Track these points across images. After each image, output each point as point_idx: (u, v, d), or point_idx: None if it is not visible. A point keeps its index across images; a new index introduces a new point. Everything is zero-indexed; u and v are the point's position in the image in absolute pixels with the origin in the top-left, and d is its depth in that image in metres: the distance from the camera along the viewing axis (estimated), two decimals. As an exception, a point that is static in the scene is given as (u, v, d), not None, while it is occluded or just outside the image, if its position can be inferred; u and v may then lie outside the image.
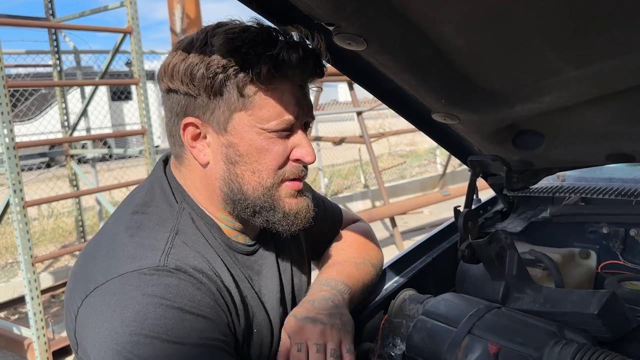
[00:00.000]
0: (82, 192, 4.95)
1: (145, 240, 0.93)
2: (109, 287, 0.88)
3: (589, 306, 1.09)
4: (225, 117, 0.95)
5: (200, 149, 0.99)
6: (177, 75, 0.94)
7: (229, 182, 0.99)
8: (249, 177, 0.98)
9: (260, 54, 0.91)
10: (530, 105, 1.08)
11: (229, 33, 0.92)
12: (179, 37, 4.81)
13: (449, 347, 1.07)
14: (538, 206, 1.72)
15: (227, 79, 0.92)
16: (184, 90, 0.95)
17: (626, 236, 1.47)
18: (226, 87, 0.92)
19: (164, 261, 0.90)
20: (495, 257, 1.24)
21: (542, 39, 0.87)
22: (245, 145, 0.96)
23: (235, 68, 0.91)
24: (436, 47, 0.93)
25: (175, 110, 0.98)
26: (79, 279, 0.94)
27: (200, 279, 0.92)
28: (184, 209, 1.01)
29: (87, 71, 6.89)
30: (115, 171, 7.42)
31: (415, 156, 11.71)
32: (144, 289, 0.87)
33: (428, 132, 1.44)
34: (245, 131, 0.95)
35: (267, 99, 0.94)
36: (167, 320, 0.85)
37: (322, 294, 1.11)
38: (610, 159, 1.30)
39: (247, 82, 0.92)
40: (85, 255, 0.98)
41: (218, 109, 0.95)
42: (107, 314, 0.86)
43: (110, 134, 7.48)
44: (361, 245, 1.30)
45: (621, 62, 0.89)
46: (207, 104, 0.94)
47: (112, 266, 0.90)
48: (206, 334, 0.88)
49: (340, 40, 0.91)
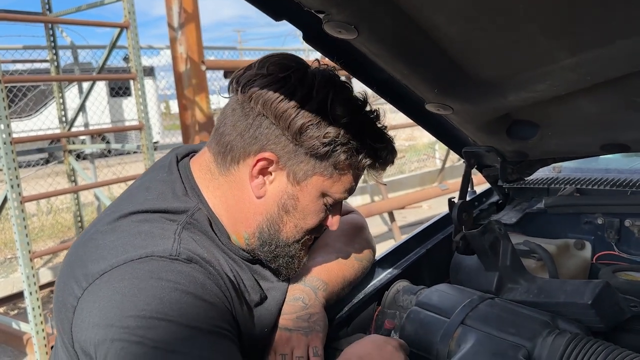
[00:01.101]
0: (80, 187, 4.95)
1: (154, 230, 0.93)
2: (117, 272, 0.86)
3: (583, 296, 1.09)
4: (305, 174, 0.99)
5: (260, 183, 1.00)
6: (285, 116, 0.94)
7: (272, 224, 1.02)
8: (290, 228, 1.03)
9: (371, 147, 1.00)
10: (523, 94, 1.07)
11: (355, 109, 0.99)
12: (176, 32, 4.81)
13: (442, 338, 1.07)
14: (533, 197, 1.71)
15: (335, 152, 0.96)
16: (282, 131, 0.95)
17: (621, 227, 1.47)
18: (327, 157, 0.97)
19: (176, 249, 0.90)
20: (489, 247, 1.23)
21: (534, 25, 0.86)
22: (304, 203, 1.01)
23: (346, 149, 0.97)
24: (428, 35, 0.92)
25: (255, 132, 0.97)
26: (77, 266, 0.91)
27: (209, 269, 0.93)
28: (199, 209, 1.00)
29: (85, 67, 6.87)
30: (114, 167, 7.41)
31: (414, 151, 11.70)
32: (157, 273, 0.86)
33: (422, 123, 1.43)
34: (312, 192, 1.01)
35: (348, 179, 1.02)
36: (182, 304, 0.85)
37: (293, 294, 1.12)
38: (606, 149, 1.29)
39: (347, 163, 0.98)
40: (81, 246, 0.96)
41: (304, 164, 0.98)
42: (115, 299, 0.84)
43: (107, 129, 7.44)
44: (348, 238, 1.28)
45: (616, 49, 0.87)
46: (297, 154, 0.97)
47: (120, 253, 0.88)
48: (217, 322, 0.89)
49: (331, 29, 0.90)
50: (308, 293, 1.12)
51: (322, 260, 1.20)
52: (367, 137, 0.99)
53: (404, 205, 6.08)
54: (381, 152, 1.02)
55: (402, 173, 9.60)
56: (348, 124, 0.96)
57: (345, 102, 0.97)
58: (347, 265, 1.23)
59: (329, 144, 0.95)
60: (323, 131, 0.94)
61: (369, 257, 1.32)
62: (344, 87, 1.01)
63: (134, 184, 1.08)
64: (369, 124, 1.02)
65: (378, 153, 1.01)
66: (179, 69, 4.65)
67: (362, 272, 1.28)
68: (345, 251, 1.24)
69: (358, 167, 1.01)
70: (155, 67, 12.34)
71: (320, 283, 1.15)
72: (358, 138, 0.97)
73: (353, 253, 1.26)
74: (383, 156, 1.03)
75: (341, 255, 1.23)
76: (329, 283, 1.16)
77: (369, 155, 1.00)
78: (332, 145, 0.95)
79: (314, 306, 1.10)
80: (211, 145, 1.03)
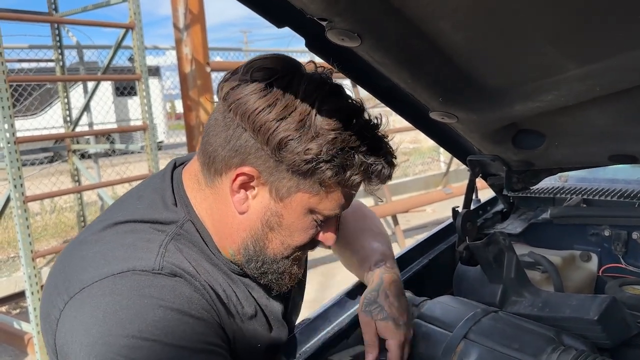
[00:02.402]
0: (84, 187, 4.95)
1: (138, 242, 0.89)
2: (99, 287, 0.83)
3: (589, 311, 1.07)
4: (289, 191, 0.91)
5: (242, 198, 0.93)
6: (264, 129, 0.86)
7: (256, 240, 0.96)
8: (276, 245, 0.97)
9: (360, 162, 0.89)
10: (530, 104, 1.05)
11: (340, 122, 0.87)
12: (181, 33, 4.81)
13: (444, 352, 1.05)
14: (539, 207, 1.69)
15: (319, 169, 0.87)
16: (261, 145, 0.87)
17: (628, 239, 1.44)
18: (310, 174, 0.88)
19: (159, 263, 0.86)
20: (493, 259, 1.21)
21: (542, 35, 0.84)
22: (289, 220, 0.94)
23: (331, 167, 0.87)
24: (432, 43, 0.90)
25: (235, 146, 0.90)
26: (61, 279, 0.88)
27: (194, 282, 0.89)
28: (188, 220, 0.96)
29: (91, 67, 6.88)
30: (118, 167, 7.42)
31: (418, 154, 11.66)
32: (140, 290, 0.82)
33: (426, 131, 1.41)
34: (297, 210, 0.93)
35: (337, 197, 0.93)
36: (166, 322, 0.81)
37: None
38: (613, 159, 1.27)
39: (333, 180, 0.89)
40: (67, 255, 0.93)
41: (287, 181, 0.90)
42: (97, 315, 0.81)
43: (111, 130, 7.43)
44: (365, 219, 1.31)
45: (625, 60, 0.85)
46: (279, 171, 0.89)
47: (101, 266, 0.85)
48: (206, 338, 0.86)
49: (334, 36, 0.88)
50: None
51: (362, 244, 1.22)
52: (357, 151, 0.88)
53: (408, 208, 6.05)
54: (374, 168, 0.91)
55: (406, 176, 9.57)
56: (334, 139, 0.86)
57: (331, 113, 0.87)
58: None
59: (311, 161, 0.86)
60: (304, 147, 0.85)
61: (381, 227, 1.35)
62: (333, 95, 0.91)
63: (130, 191, 1.05)
64: (360, 136, 0.89)
65: (370, 169, 0.90)
66: (184, 70, 4.65)
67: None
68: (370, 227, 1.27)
69: (347, 185, 0.91)
70: (161, 67, 12.37)
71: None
72: (346, 153, 0.87)
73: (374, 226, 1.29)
74: (376, 172, 0.91)
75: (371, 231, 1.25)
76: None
77: (359, 172, 0.90)
78: (315, 162, 0.86)
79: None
80: (199, 154, 0.97)
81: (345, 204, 0.96)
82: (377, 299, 1.09)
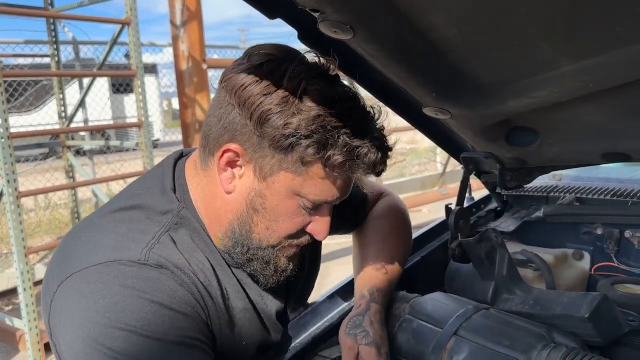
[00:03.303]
0: (77, 183, 4.93)
1: (131, 232, 0.90)
2: (85, 274, 0.85)
3: (580, 309, 1.07)
4: (271, 169, 0.90)
5: (229, 177, 0.94)
6: (248, 103, 0.87)
7: (241, 222, 0.95)
8: (262, 230, 0.95)
9: (343, 142, 0.87)
10: (523, 100, 1.04)
11: (324, 99, 0.87)
12: (178, 30, 4.79)
13: (434, 349, 1.04)
14: (532, 205, 1.68)
15: (299, 145, 0.86)
16: (245, 120, 0.88)
17: (621, 237, 1.44)
18: (291, 151, 0.88)
19: (145, 255, 0.87)
20: (485, 256, 1.21)
21: (536, 29, 0.83)
22: (273, 203, 0.93)
23: (311, 143, 0.86)
24: (426, 37, 0.89)
25: (224, 123, 0.91)
26: (57, 263, 0.91)
27: (181, 276, 0.89)
28: (183, 208, 0.97)
29: (87, 63, 6.85)
30: (113, 164, 7.39)
31: (415, 154, 11.67)
32: (122, 280, 0.83)
33: (420, 127, 1.41)
34: (281, 190, 0.92)
35: (320, 180, 0.91)
36: (145, 314, 0.82)
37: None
38: (607, 157, 1.27)
39: (315, 158, 0.88)
40: (67, 241, 0.95)
41: (269, 158, 0.90)
42: (81, 302, 0.83)
43: (106, 126, 7.40)
44: (388, 239, 1.27)
45: (619, 56, 0.85)
46: (262, 147, 0.89)
47: (91, 254, 0.87)
48: (185, 332, 0.85)
49: (326, 28, 0.88)
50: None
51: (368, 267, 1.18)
52: (340, 131, 0.87)
53: (404, 208, 6.04)
54: (359, 150, 0.87)
55: (403, 176, 9.57)
56: (316, 116, 0.85)
57: (318, 93, 0.87)
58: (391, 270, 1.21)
59: (291, 135, 0.85)
60: (284, 121, 0.85)
61: (407, 247, 1.32)
62: (324, 78, 0.90)
63: (139, 177, 1.07)
64: (345, 117, 0.88)
65: (355, 151, 0.87)
66: (181, 67, 4.63)
67: (404, 265, 1.26)
68: (385, 252, 1.22)
69: (329, 164, 0.88)
70: (157, 65, 12.33)
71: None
72: (328, 132, 0.86)
73: (394, 250, 1.24)
74: (362, 155, 0.88)
75: (385, 257, 1.21)
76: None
77: (342, 152, 0.87)
78: (295, 136, 0.85)
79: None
80: (199, 139, 0.99)
81: (333, 192, 0.93)
82: (363, 324, 1.07)
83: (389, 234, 1.28)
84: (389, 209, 1.35)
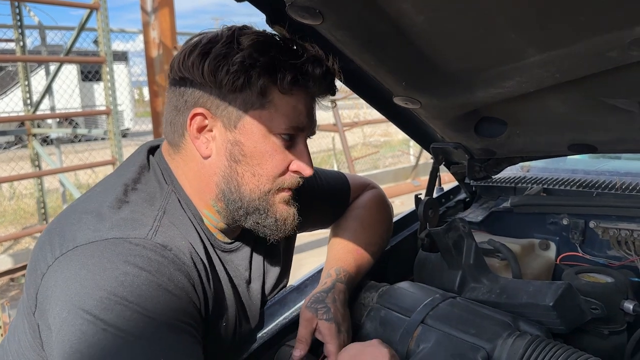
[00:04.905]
0: (44, 172, 4.80)
1: (134, 214, 0.92)
2: (89, 248, 0.85)
3: (545, 298, 1.08)
4: (238, 114, 0.95)
5: (204, 141, 0.98)
6: (197, 66, 0.93)
7: (228, 180, 0.98)
8: (249, 179, 0.98)
9: (287, 62, 0.94)
10: (492, 90, 1.05)
11: (259, 35, 0.95)
12: (149, 16, 4.68)
13: (402, 337, 1.05)
14: (500, 196, 1.70)
15: (251, 77, 0.92)
16: (200, 81, 0.94)
17: (586, 228, 1.46)
18: (248, 85, 0.93)
19: (151, 236, 0.89)
20: (453, 245, 1.21)
21: (505, 19, 0.83)
22: (250, 146, 0.96)
23: (261, 69, 0.92)
24: (395, 24, 0.88)
25: (184, 99, 0.97)
26: (56, 235, 0.90)
27: (183, 260, 0.91)
28: (173, 191, 1.00)
29: (54, 49, 6.65)
30: (81, 154, 7.22)
31: (389, 147, 11.74)
32: (126, 256, 0.85)
33: (391, 117, 1.41)
34: (253, 131, 0.96)
35: (283, 105, 0.96)
36: (143, 292, 0.83)
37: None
38: (573, 149, 1.28)
39: (269, 85, 0.94)
40: (67, 215, 0.95)
41: (233, 104, 0.95)
42: (80, 273, 0.83)
43: (72, 113, 7.18)
44: (365, 228, 1.30)
45: (584, 47, 0.86)
46: (223, 98, 0.95)
47: (97, 230, 0.88)
48: (179, 315, 0.86)
49: (295, 13, 0.86)
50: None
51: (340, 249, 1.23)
52: (281, 52, 0.94)
53: (376, 200, 6.07)
54: (303, 65, 0.95)
55: (376, 168, 9.62)
56: (256, 45, 0.92)
57: (252, 32, 0.95)
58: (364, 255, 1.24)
59: (240, 70, 0.91)
60: (231, 61, 0.91)
61: (385, 236, 1.36)
62: (252, 28, 0.98)
63: (123, 165, 1.07)
64: (282, 43, 0.97)
65: (300, 67, 0.95)
66: (151, 54, 4.55)
67: (376, 257, 1.29)
68: (363, 242, 1.26)
69: (283, 85, 0.94)
70: (128, 52, 12.07)
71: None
72: (271, 57, 0.93)
73: (369, 240, 1.27)
74: (307, 69, 0.95)
75: (358, 244, 1.25)
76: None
77: (289, 69, 0.94)
78: (244, 70, 0.91)
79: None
80: (164, 133, 1.04)
81: (300, 117, 0.98)
82: (326, 300, 1.09)
83: (368, 224, 1.31)
84: (371, 202, 1.38)
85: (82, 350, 0.78)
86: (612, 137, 1.18)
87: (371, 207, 1.37)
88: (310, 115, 1.01)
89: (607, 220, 1.42)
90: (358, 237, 1.27)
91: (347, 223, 1.31)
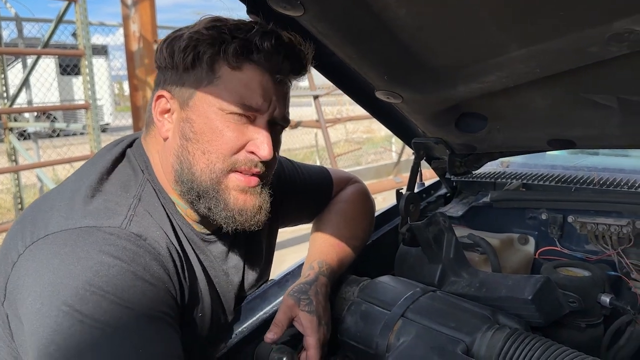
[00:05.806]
0: (20, 167, 4.71)
1: (107, 203, 0.91)
2: (61, 236, 0.84)
3: (524, 291, 1.09)
4: (190, 92, 0.95)
5: (164, 123, 0.99)
6: (160, 50, 0.98)
7: (181, 159, 0.97)
8: (199, 157, 0.95)
9: (233, 34, 0.93)
10: (473, 85, 1.05)
11: (219, 18, 0.96)
12: (129, 9, 4.61)
13: (382, 330, 1.05)
14: (480, 191, 1.72)
15: (200, 53, 0.93)
16: (163, 64, 0.98)
17: (564, 223, 1.48)
18: (198, 61, 0.94)
19: (125, 225, 0.88)
20: (433, 239, 1.22)
21: (486, 13, 0.83)
22: (201, 123, 0.95)
23: (208, 43, 0.93)
24: (378, 17, 0.88)
25: (155, 83, 1.02)
26: (28, 223, 0.89)
27: (159, 250, 0.90)
28: (147, 180, 0.99)
29: (32, 42, 6.51)
30: (59, 149, 7.09)
31: (371, 143, 11.77)
32: (101, 246, 0.83)
33: (373, 112, 1.40)
34: (204, 108, 0.95)
35: (233, 81, 0.94)
36: (119, 281, 0.81)
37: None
38: (552, 144, 1.30)
39: (216, 59, 0.93)
40: (39, 204, 0.94)
41: (187, 83, 0.95)
42: (53, 263, 0.81)
43: (50, 107, 7.04)
44: (347, 222, 1.30)
45: (564, 42, 0.86)
46: (179, 77, 0.96)
47: (70, 218, 0.86)
48: (155, 305, 0.85)
49: (276, 4, 0.85)
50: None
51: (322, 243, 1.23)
52: (231, 31, 0.93)
53: (358, 196, 6.08)
54: (251, 38, 0.93)
55: (359, 165, 9.64)
56: (207, 25, 0.94)
57: (214, 16, 0.97)
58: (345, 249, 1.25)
59: (189, 46, 0.93)
60: (182, 38, 0.94)
61: (366, 232, 1.36)
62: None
63: (99, 153, 1.06)
64: (232, 21, 0.96)
65: (244, 38, 0.93)
66: (131, 48, 4.48)
67: (357, 252, 1.29)
68: (343, 236, 1.26)
69: (230, 58, 0.92)
70: (108, 46, 11.88)
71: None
72: (219, 29, 0.93)
73: (351, 234, 1.28)
74: (252, 40, 0.92)
75: (341, 238, 1.25)
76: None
77: (236, 41, 0.92)
78: (192, 47, 0.92)
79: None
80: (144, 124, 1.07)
81: (254, 94, 0.94)
82: (309, 292, 1.09)
83: (350, 218, 1.32)
84: (354, 196, 1.39)
85: (59, 342, 0.76)
86: (591, 132, 1.19)
87: (354, 201, 1.37)
88: (267, 96, 0.96)
89: (585, 215, 1.44)
90: (340, 231, 1.27)
91: (329, 217, 1.31)
